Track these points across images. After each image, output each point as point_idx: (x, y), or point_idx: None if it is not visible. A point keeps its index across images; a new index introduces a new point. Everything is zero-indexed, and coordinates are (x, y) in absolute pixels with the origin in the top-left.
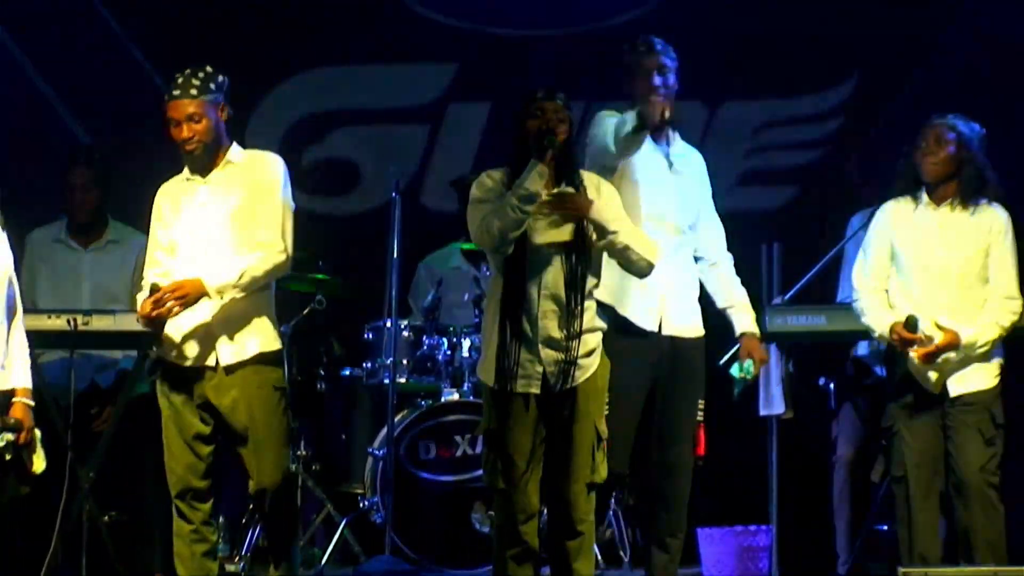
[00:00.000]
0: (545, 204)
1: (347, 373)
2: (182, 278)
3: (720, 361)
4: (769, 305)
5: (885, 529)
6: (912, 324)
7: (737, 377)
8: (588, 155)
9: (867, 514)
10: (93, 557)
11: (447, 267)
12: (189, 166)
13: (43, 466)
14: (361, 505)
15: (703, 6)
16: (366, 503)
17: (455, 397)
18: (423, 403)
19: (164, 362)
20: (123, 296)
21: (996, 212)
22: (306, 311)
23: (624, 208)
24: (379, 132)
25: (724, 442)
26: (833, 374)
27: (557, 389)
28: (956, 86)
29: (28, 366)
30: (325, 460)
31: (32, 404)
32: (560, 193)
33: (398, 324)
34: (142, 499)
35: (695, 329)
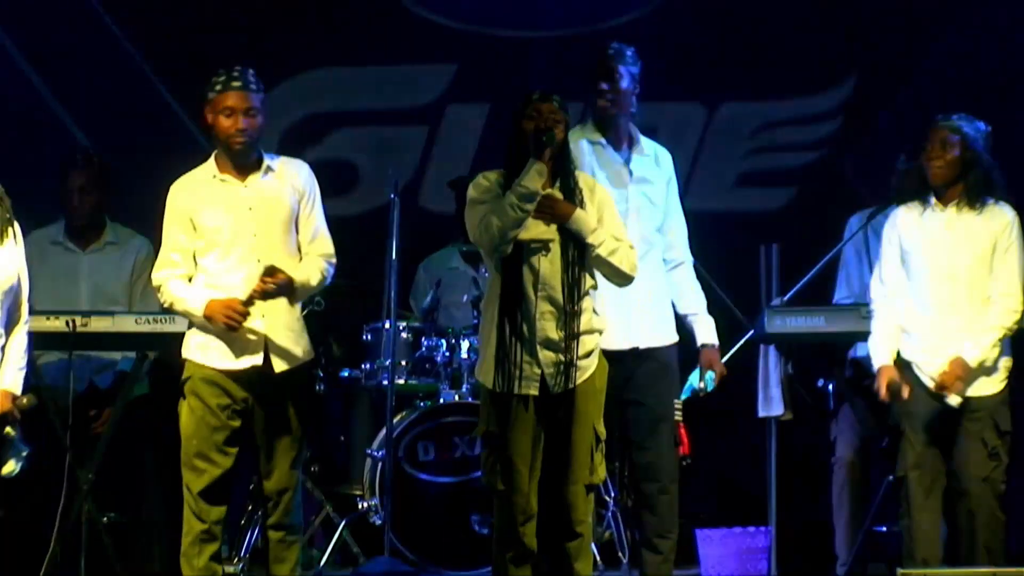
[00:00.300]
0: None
1: (346, 374)
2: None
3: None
4: (768, 306)
5: (884, 530)
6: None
7: (696, 387)
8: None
9: (866, 515)
10: (92, 558)
11: (446, 268)
12: (222, 163)
13: (13, 469)
14: (360, 506)
15: (702, 7)
16: (365, 504)
17: (454, 398)
18: (422, 404)
19: (197, 364)
20: (121, 298)
21: (1004, 211)
22: (305, 312)
23: None
24: (378, 133)
25: (723, 443)
26: (832, 375)
27: (556, 391)
28: (955, 87)
29: (20, 372)
30: (324, 461)
31: (10, 407)
32: (545, 196)
33: (397, 325)
34: (141, 500)
35: (666, 337)
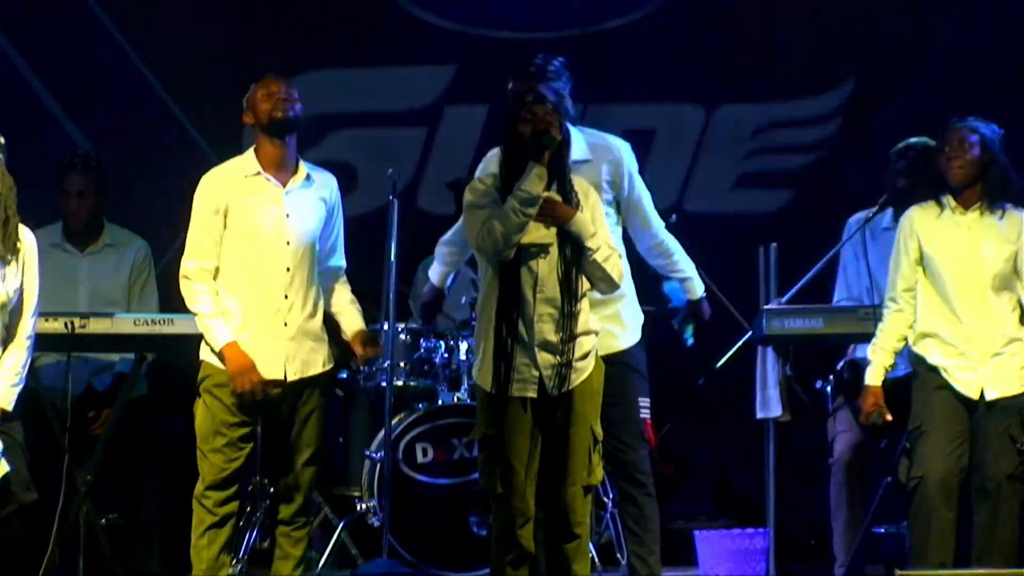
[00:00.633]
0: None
1: (344, 376)
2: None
3: (718, 364)
4: (766, 308)
5: (882, 531)
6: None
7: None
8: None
9: (864, 516)
10: (90, 560)
11: None
12: (264, 159)
13: None
14: (358, 508)
15: (701, 9)
16: (363, 506)
17: (452, 400)
18: (420, 406)
19: (216, 368)
20: (120, 300)
21: (1022, 216)
22: None
23: None
24: (376, 135)
25: (721, 445)
26: (830, 376)
27: (554, 393)
28: (954, 88)
29: (13, 388)
30: (322, 463)
31: None
32: (546, 199)
33: (395, 327)
34: (139, 501)
35: (628, 339)
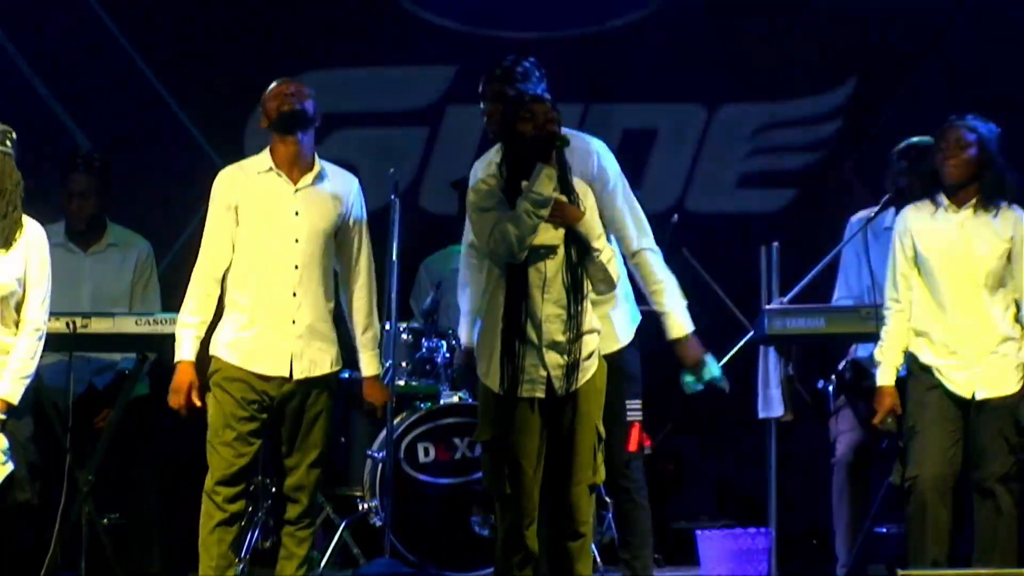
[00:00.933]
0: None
1: (346, 375)
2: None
3: (719, 363)
4: (768, 307)
5: (884, 531)
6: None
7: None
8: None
9: (866, 516)
10: (92, 559)
11: (447, 269)
12: (278, 157)
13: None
14: (360, 508)
15: (702, 8)
16: (365, 506)
17: (454, 400)
18: (422, 406)
19: (225, 363)
20: (123, 299)
21: (1017, 215)
22: None
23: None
24: (378, 134)
25: (723, 445)
26: (832, 376)
27: (562, 392)
28: (955, 88)
29: (22, 381)
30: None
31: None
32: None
33: (397, 327)
34: (141, 501)
35: (607, 346)
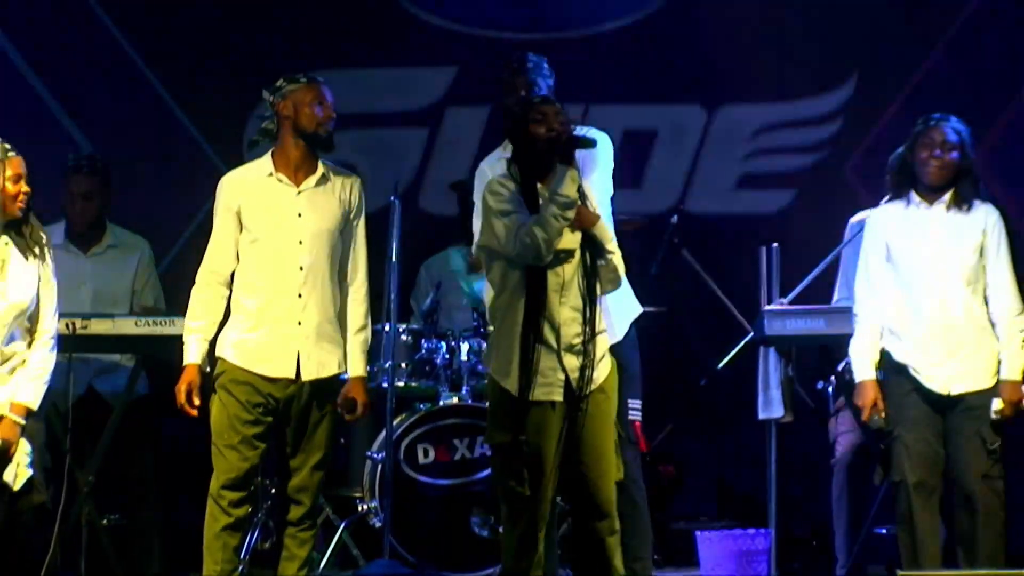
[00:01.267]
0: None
1: (346, 377)
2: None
3: (719, 364)
4: (767, 308)
5: (884, 532)
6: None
7: None
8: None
9: (866, 517)
10: (92, 560)
11: (447, 270)
12: (279, 162)
13: (20, 485)
14: (360, 509)
15: (701, 9)
16: (365, 507)
17: (454, 401)
18: (422, 407)
19: (231, 364)
20: (124, 300)
21: (988, 209)
22: None
23: None
24: (378, 135)
25: (723, 446)
26: (831, 377)
27: (580, 394)
28: (955, 88)
29: (38, 385)
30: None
31: (19, 422)
32: None
33: (397, 328)
34: (141, 502)
35: (613, 336)
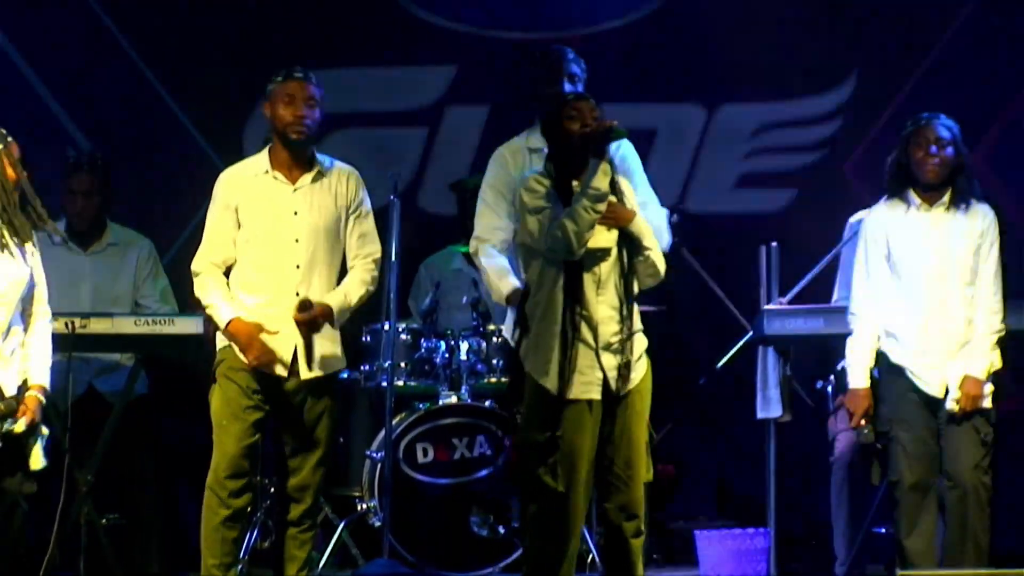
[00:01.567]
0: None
1: (345, 376)
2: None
3: (718, 364)
4: (767, 308)
5: (883, 531)
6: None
7: None
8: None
9: (865, 515)
10: (91, 560)
11: (448, 269)
12: (275, 159)
13: (40, 465)
14: (359, 508)
15: (701, 8)
16: (364, 506)
17: (453, 400)
18: (421, 406)
19: (233, 355)
20: (124, 299)
21: (986, 211)
22: None
23: None
24: (377, 135)
25: (722, 445)
26: (830, 376)
27: (617, 393)
28: (955, 87)
29: (47, 367)
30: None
31: (42, 400)
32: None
33: (396, 327)
34: (140, 502)
35: None
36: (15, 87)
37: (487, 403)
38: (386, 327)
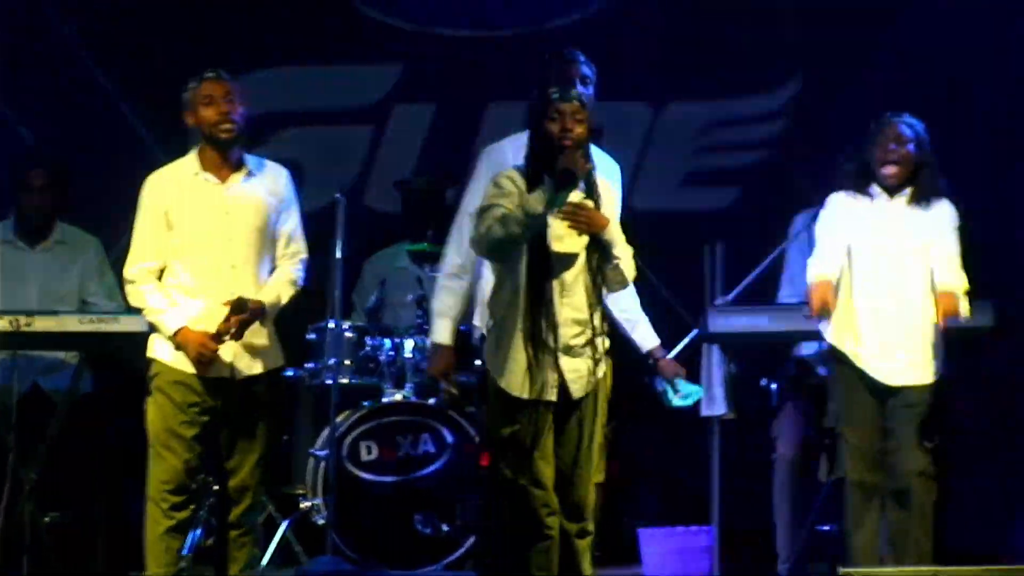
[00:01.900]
0: (562, 214)
1: (289, 374)
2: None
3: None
4: (712, 305)
5: (827, 529)
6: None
7: (679, 403)
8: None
9: (808, 513)
10: (35, 558)
11: (393, 266)
12: (205, 160)
13: None
14: (303, 506)
15: (648, 7)
16: (308, 504)
17: (397, 398)
18: (365, 404)
19: (166, 365)
20: (70, 297)
21: (946, 205)
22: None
23: None
24: (324, 133)
25: (666, 443)
26: (775, 374)
27: (576, 395)
28: (901, 86)
29: None
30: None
31: None
32: (578, 204)
33: (341, 325)
34: (86, 500)
35: None
36: None
37: (432, 401)
38: (331, 325)
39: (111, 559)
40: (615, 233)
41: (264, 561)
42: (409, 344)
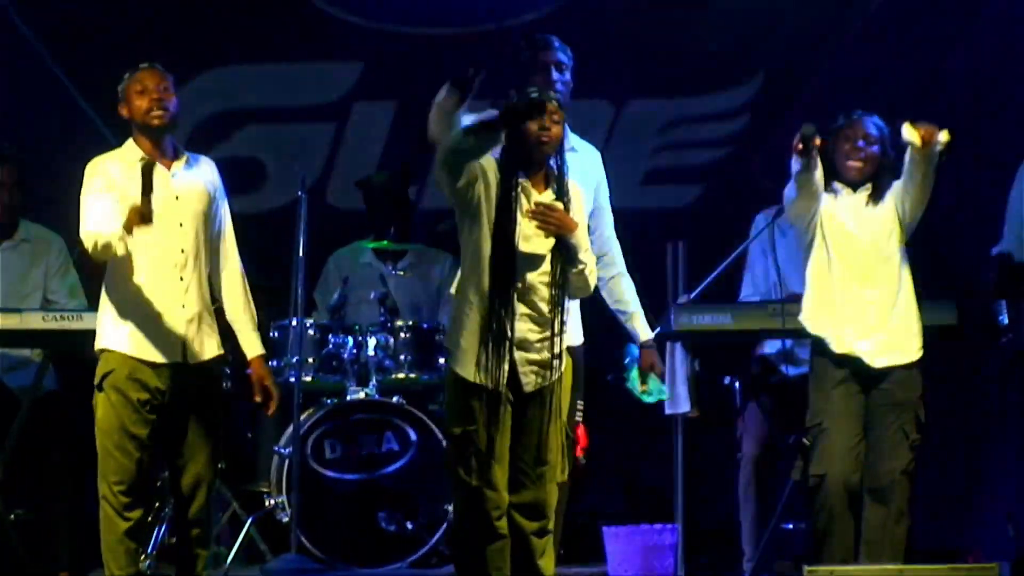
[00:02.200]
0: (530, 213)
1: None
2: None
3: (626, 359)
4: (674, 303)
5: (791, 527)
6: (808, 135)
7: (642, 393)
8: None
9: (772, 511)
10: (0, 555)
11: (356, 264)
12: (146, 148)
13: None
14: (267, 504)
15: (609, 4)
16: (272, 502)
17: (361, 396)
18: (329, 402)
19: (116, 356)
20: (34, 295)
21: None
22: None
23: None
24: (285, 130)
25: (630, 441)
26: (738, 372)
27: (531, 390)
28: (861, 84)
29: None
30: (231, 459)
31: None
32: (548, 206)
33: (304, 323)
34: (50, 497)
35: (577, 337)
36: None
37: (395, 399)
38: (293, 323)
39: (76, 555)
40: (582, 238)
41: (229, 559)
42: (372, 342)
